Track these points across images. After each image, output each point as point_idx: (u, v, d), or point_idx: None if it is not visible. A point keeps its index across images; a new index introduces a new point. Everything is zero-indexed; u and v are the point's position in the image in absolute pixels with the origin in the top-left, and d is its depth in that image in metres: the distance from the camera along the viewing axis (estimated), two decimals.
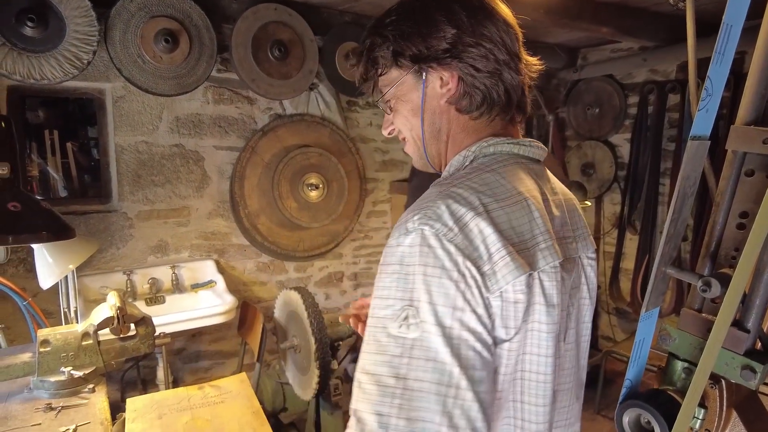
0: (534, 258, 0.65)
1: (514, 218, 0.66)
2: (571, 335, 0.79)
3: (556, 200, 0.78)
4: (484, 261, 0.61)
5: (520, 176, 0.73)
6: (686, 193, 0.90)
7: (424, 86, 0.77)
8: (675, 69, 3.27)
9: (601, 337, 3.94)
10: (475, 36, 0.74)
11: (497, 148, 0.76)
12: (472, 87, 0.75)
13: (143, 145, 2.42)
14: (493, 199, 0.66)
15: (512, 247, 0.63)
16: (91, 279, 2.32)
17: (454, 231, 0.61)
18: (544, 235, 0.68)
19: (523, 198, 0.69)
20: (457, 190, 0.65)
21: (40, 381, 1.43)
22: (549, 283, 0.66)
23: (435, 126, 0.79)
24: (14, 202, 0.86)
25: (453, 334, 0.58)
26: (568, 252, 0.75)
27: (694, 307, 0.90)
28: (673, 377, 0.91)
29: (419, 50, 0.75)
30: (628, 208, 3.54)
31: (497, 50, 0.75)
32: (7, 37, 1.84)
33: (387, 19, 0.78)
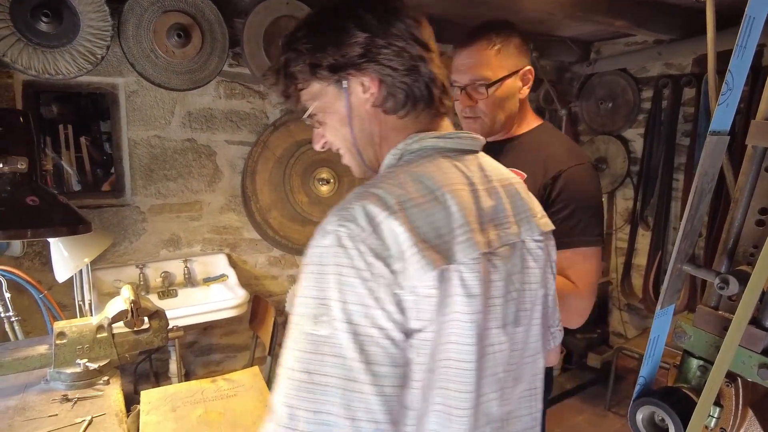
0: (451, 252, 0.67)
1: (430, 214, 0.68)
2: (519, 319, 0.80)
3: (489, 188, 0.79)
4: (395, 259, 0.63)
5: (442, 170, 0.74)
6: (704, 190, 0.89)
7: (347, 94, 0.78)
8: (690, 63, 3.22)
9: (613, 333, 3.92)
10: (386, 36, 0.75)
11: (422, 143, 0.77)
12: (393, 87, 0.76)
13: (156, 140, 2.44)
14: (409, 196, 0.68)
15: (424, 244, 0.65)
16: (104, 272, 2.35)
17: (367, 232, 0.64)
18: (463, 227, 0.69)
19: (442, 193, 0.70)
20: (374, 191, 0.68)
21: (57, 373, 1.45)
22: (469, 275, 0.68)
23: (366, 131, 0.80)
24: (33, 196, 0.88)
25: (360, 331, 0.61)
26: (504, 239, 0.77)
27: (711, 304, 0.89)
28: (688, 375, 0.91)
29: (335, 59, 0.75)
30: (641, 204, 3.50)
31: (410, 47, 0.76)
32: (22, 33, 1.86)
33: (299, 33, 0.79)
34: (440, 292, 0.66)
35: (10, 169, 0.85)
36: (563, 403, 3.36)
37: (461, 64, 1.34)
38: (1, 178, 0.86)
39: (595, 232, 1.27)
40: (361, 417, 0.61)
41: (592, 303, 1.28)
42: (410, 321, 0.64)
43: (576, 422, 3.17)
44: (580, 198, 1.27)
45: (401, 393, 0.65)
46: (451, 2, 2.55)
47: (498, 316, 0.75)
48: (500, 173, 0.84)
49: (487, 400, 0.75)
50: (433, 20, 2.85)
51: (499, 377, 0.77)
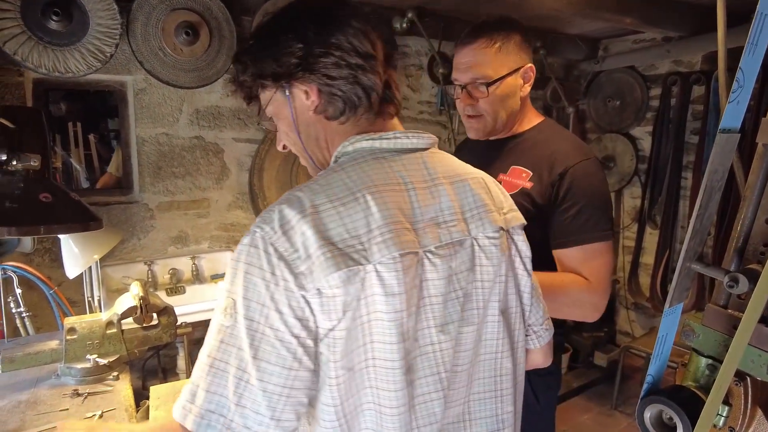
0: (367, 252, 0.69)
1: (346, 215, 0.70)
2: (468, 318, 0.80)
3: (432, 186, 0.80)
4: (301, 261, 0.67)
5: (370, 171, 0.76)
6: (713, 188, 0.88)
7: (290, 102, 0.82)
8: (700, 60, 3.19)
9: (619, 332, 3.90)
10: (324, 46, 0.77)
11: (356, 146, 0.79)
12: (331, 95, 0.79)
13: (164, 137, 2.45)
14: (327, 199, 0.71)
15: (331, 246, 0.68)
16: (113, 269, 2.37)
17: (278, 234, 0.68)
18: (383, 228, 0.71)
19: (363, 194, 0.72)
20: (296, 194, 0.72)
21: (67, 368, 1.47)
22: (388, 274, 0.69)
23: (312, 136, 0.84)
24: (45, 193, 0.89)
25: (257, 329, 0.66)
26: (446, 237, 0.77)
27: (720, 303, 0.89)
28: (697, 374, 0.90)
29: (274, 69, 0.79)
30: (649, 202, 3.48)
31: (348, 56, 0.78)
32: (33, 31, 1.88)
33: (246, 44, 0.84)
34: (346, 292, 0.67)
35: (24, 166, 0.86)
36: (570, 402, 3.35)
37: (461, 62, 1.33)
38: (15, 175, 0.88)
39: (605, 228, 1.27)
40: (247, 405, 0.66)
41: (607, 297, 1.29)
42: (319, 321, 0.67)
43: (582, 421, 3.16)
44: (589, 194, 1.27)
45: (295, 393, 0.67)
46: (459, 0, 2.54)
47: (436, 315, 0.76)
48: (450, 170, 0.85)
49: (427, 399, 0.76)
50: (442, 18, 2.83)
51: (441, 377, 0.77)
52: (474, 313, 0.81)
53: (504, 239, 0.85)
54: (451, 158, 0.89)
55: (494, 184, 0.91)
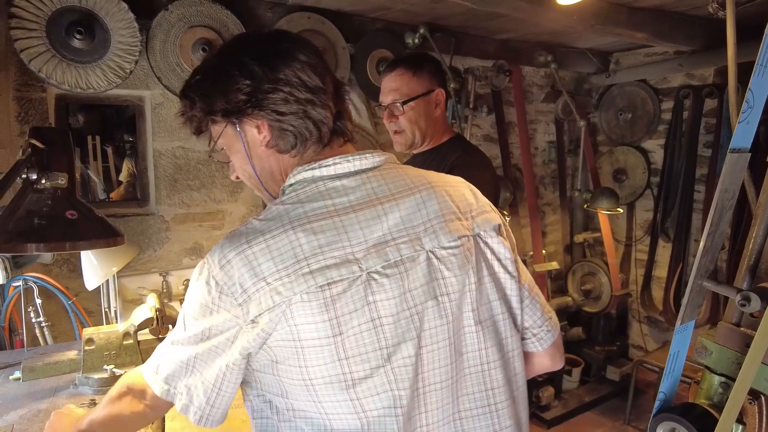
0: (294, 284, 0.71)
1: (275, 249, 0.73)
2: (434, 335, 0.78)
3: (378, 206, 0.78)
4: (238, 294, 0.72)
5: (306, 202, 0.77)
6: (724, 206, 0.89)
7: (242, 137, 0.82)
8: (712, 73, 3.19)
9: (632, 346, 3.87)
10: (271, 82, 0.78)
11: (296, 177, 0.80)
12: (282, 130, 0.80)
13: (180, 151, 2.50)
14: (260, 233, 0.74)
15: (265, 281, 0.71)
16: (128, 280, 2.40)
17: (217, 268, 0.73)
18: (310, 259, 0.72)
19: (292, 227, 0.74)
20: (238, 229, 0.76)
21: (85, 378, 1.49)
22: (315, 302, 0.71)
23: (266, 169, 0.85)
24: (71, 210, 0.92)
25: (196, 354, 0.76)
26: (392, 255, 0.76)
27: (732, 321, 0.89)
28: (710, 391, 0.91)
29: (223, 106, 0.79)
30: (661, 216, 3.47)
31: (297, 91, 0.79)
32: (57, 50, 1.94)
33: (192, 80, 0.84)
34: (277, 325, 0.71)
35: (52, 184, 0.90)
36: (582, 416, 3.32)
37: (384, 87, 1.64)
38: (44, 193, 0.91)
39: None
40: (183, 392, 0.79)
41: None
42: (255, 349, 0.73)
43: None
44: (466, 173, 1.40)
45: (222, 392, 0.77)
46: (469, 16, 2.58)
47: (387, 335, 0.74)
48: (401, 185, 0.82)
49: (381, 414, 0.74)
50: (453, 33, 2.87)
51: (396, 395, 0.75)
52: (443, 328, 0.78)
53: (468, 246, 0.81)
54: (409, 172, 0.86)
55: (464, 188, 0.89)
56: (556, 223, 3.93)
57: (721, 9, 1.31)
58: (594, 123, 3.85)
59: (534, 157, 3.71)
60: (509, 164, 3.52)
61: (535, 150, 3.76)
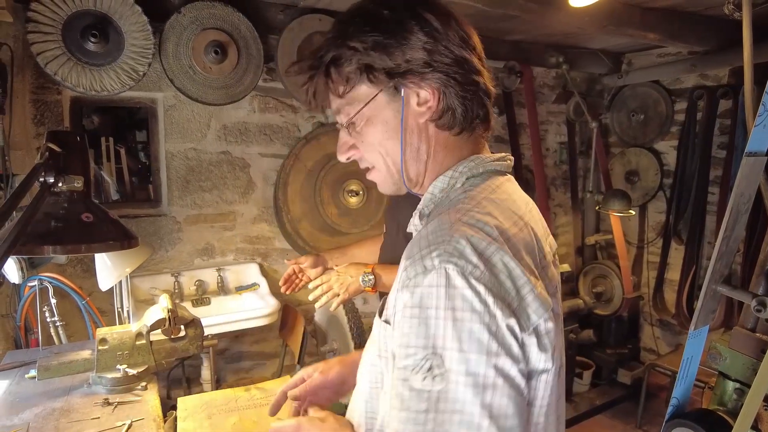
0: (546, 290, 0.62)
1: (524, 245, 0.61)
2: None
3: (534, 213, 0.73)
4: (512, 298, 0.56)
5: (513, 197, 0.68)
6: (740, 211, 0.88)
7: (403, 104, 0.67)
8: (727, 73, 3.16)
9: (644, 349, 3.83)
10: (450, 45, 0.66)
11: (486, 167, 0.70)
12: (453, 101, 0.67)
13: (192, 152, 2.52)
14: (508, 225, 0.61)
15: (535, 276, 0.59)
16: (141, 280, 2.43)
17: (480, 268, 0.55)
18: (544, 260, 0.65)
19: (524, 222, 0.64)
20: (472, 219, 0.60)
21: (98, 377, 1.51)
22: (557, 306, 0.64)
23: (414, 146, 0.70)
24: (87, 213, 0.93)
25: (487, 383, 0.54)
26: (555, 273, 0.71)
27: (747, 326, 0.88)
28: (724, 397, 0.90)
29: (397, 63, 0.65)
30: (674, 218, 3.43)
31: (474, 59, 0.67)
32: (72, 53, 1.96)
33: (352, 26, 0.67)
34: (555, 327, 0.61)
35: (68, 187, 0.91)
36: (593, 419, 3.29)
37: None
38: (60, 196, 0.93)
39: None
40: None
41: None
42: (533, 363, 0.59)
43: None
44: None
45: None
46: (482, 17, 2.57)
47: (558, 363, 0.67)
48: (522, 195, 0.75)
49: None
50: None
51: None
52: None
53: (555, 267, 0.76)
54: None
55: None
56: (567, 225, 3.91)
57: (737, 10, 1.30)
58: (606, 124, 3.82)
59: (545, 159, 3.70)
60: (520, 165, 3.51)
61: (546, 151, 3.74)
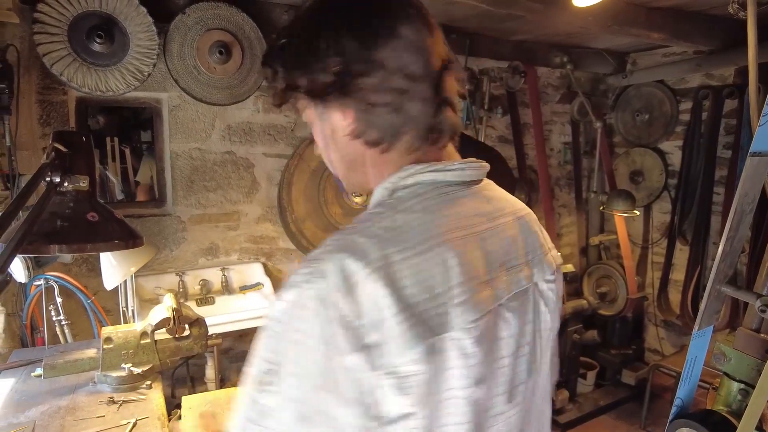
0: (447, 317, 0.56)
1: (424, 269, 0.56)
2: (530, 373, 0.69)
3: (498, 225, 0.67)
4: (369, 330, 0.52)
5: (442, 211, 0.63)
6: (744, 211, 0.88)
7: (324, 119, 0.68)
8: (732, 73, 3.14)
9: (648, 350, 3.82)
10: (366, 63, 0.62)
11: (417, 177, 0.65)
12: (369, 122, 0.64)
13: (197, 152, 2.53)
14: (400, 247, 0.56)
15: (411, 311, 0.54)
16: (145, 279, 2.44)
17: (341, 293, 0.53)
18: (463, 286, 0.58)
19: (439, 242, 0.58)
20: (357, 239, 0.57)
21: (104, 376, 1.52)
22: (468, 341, 0.57)
23: (349, 157, 0.70)
24: (92, 212, 0.94)
25: (307, 413, 0.52)
26: (515, 285, 0.66)
27: (752, 327, 0.88)
28: (728, 398, 0.89)
29: (312, 85, 0.65)
30: (679, 218, 3.42)
31: (394, 79, 0.63)
32: (78, 53, 1.98)
33: (277, 44, 0.69)
34: (429, 368, 0.54)
35: (74, 187, 0.92)
36: (597, 420, 3.29)
37: None
38: (66, 195, 0.94)
39: None
40: None
41: None
42: (389, 408, 0.53)
43: None
44: None
45: None
46: (486, 17, 2.57)
47: (506, 379, 0.64)
48: (510, 204, 0.73)
49: None
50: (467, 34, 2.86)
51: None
52: (535, 367, 0.70)
53: (557, 282, 0.74)
54: (502, 190, 0.75)
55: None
56: (571, 225, 3.90)
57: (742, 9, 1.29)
58: (610, 124, 3.81)
59: (549, 159, 3.69)
60: (524, 165, 3.50)
61: (551, 151, 3.73)
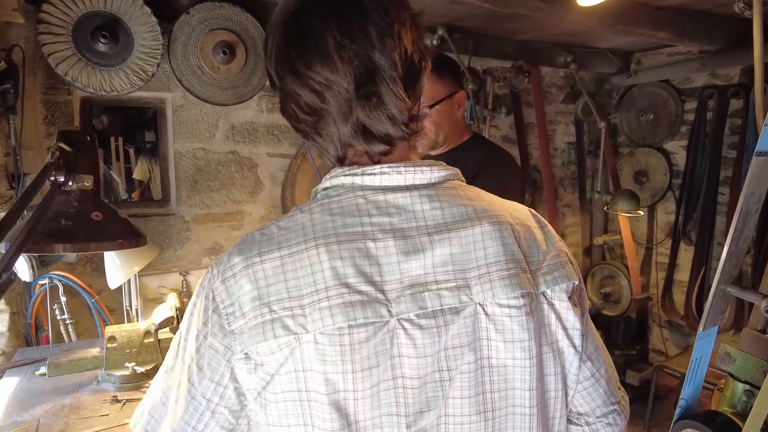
0: (307, 318, 0.58)
1: (291, 270, 0.59)
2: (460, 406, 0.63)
3: (424, 236, 0.63)
4: (235, 317, 0.60)
5: (337, 215, 0.62)
6: (749, 211, 0.88)
7: None
8: (738, 73, 3.13)
9: (652, 350, 3.81)
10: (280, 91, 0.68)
11: (333, 181, 0.66)
12: (297, 122, 0.68)
13: (200, 152, 2.54)
14: (277, 246, 0.61)
15: (269, 307, 0.58)
16: (149, 279, 2.45)
17: (221, 279, 0.61)
18: (332, 290, 0.58)
19: (315, 245, 0.60)
20: (255, 235, 0.64)
21: (107, 374, 1.53)
22: (330, 347, 0.57)
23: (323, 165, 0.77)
24: (96, 211, 0.94)
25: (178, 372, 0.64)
26: (430, 302, 0.61)
27: (758, 327, 0.87)
28: (733, 399, 0.89)
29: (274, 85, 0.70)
30: (683, 218, 3.40)
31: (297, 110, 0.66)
32: (82, 53, 1.98)
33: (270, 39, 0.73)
34: (277, 362, 0.58)
35: (78, 186, 0.92)
36: None
37: None
38: (70, 195, 0.94)
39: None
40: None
41: None
42: (245, 383, 0.61)
43: None
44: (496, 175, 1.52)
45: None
46: (489, 16, 2.57)
47: (408, 401, 0.60)
48: (458, 213, 0.65)
49: None
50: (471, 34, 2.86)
51: None
52: (476, 400, 0.63)
53: (532, 307, 0.64)
54: (471, 195, 0.68)
55: (534, 226, 0.71)
56: (575, 225, 3.89)
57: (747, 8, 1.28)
58: (614, 124, 3.80)
59: (553, 159, 3.68)
60: (528, 165, 3.49)
61: (555, 151, 3.72)
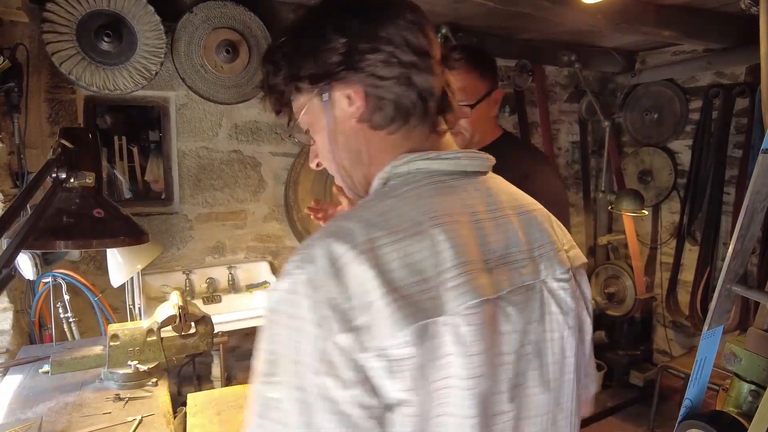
0: (439, 300, 0.55)
1: (411, 253, 0.56)
2: (539, 379, 0.65)
3: (499, 217, 0.66)
4: (358, 313, 0.52)
5: (433, 197, 0.62)
6: (755, 209, 0.87)
7: (328, 108, 0.68)
8: (744, 71, 3.11)
9: (657, 351, 3.79)
10: (371, 40, 0.64)
11: (411, 166, 0.66)
12: (380, 99, 0.66)
13: (204, 151, 2.54)
14: (387, 231, 0.57)
15: (399, 293, 0.53)
16: (152, 277, 2.45)
17: (329, 275, 0.54)
18: (457, 268, 0.57)
19: (429, 226, 0.58)
20: (345, 224, 0.58)
21: (110, 373, 1.53)
22: (466, 328, 0.55)
23: (353, 149, 0.70)
24: (98, 208, 0.94)
25: (308, 399, 0.52)
26: (517, 280, 0.64)
27: (764, 327, 0.87)
28: (739, 399, 0.88)
29: (313, 70, 0.66)
30: (688, 218, 3.38)
31: (400, 52, 0.65)
32: (86, 52, 1.99)
33: (279, 41, 0.71)
34: (422, 352, 0.53)
35: (80, 183, 0.92)
36: (605, 421, 3.26)
37: None
38: (72, 192, 0.94)
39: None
40: None
41: None
42: (383, 390, 0.53)
43: None
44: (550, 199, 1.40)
45: None
46: (493, 15, 2.56)
47: (509, 377, 0.61)
48: (515, 199, 0.72)
49: None
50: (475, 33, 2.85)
51: None
52: (546, 372, 0.66)
53: (573, 282, 0.71)
54: (510, 185, 0.75)
55: (552, 216, 0.77)
56: (579, 225, 3.87)
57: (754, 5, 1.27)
58: (619, 123, 3.78)
59: (557, 158, 3.67)
60: None
61: (559, 150, 3.71)
